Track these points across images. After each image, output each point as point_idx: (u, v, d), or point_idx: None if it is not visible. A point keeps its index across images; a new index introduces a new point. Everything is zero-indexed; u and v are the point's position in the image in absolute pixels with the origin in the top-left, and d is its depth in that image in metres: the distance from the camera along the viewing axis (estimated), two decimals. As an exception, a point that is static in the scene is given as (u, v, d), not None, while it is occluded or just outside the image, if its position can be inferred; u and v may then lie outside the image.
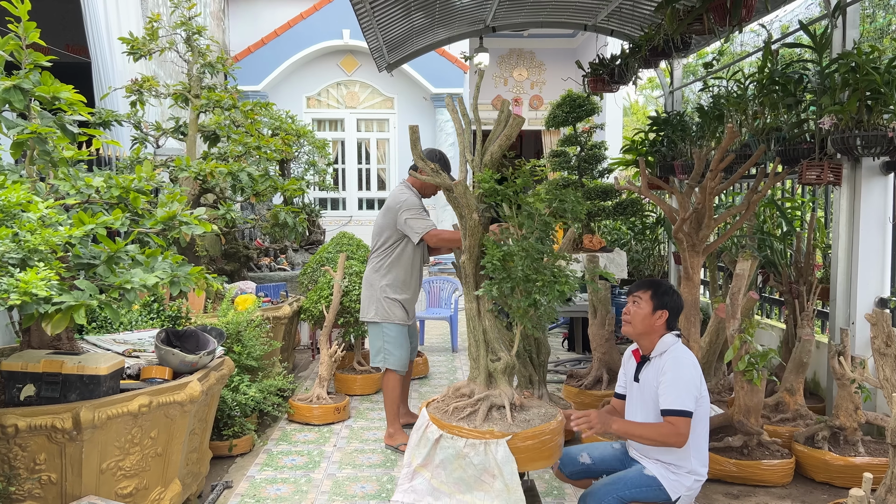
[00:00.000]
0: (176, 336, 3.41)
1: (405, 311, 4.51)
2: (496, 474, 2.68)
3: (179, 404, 2.95)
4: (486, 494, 2.70)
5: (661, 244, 7.59)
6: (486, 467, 2.69)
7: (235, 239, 6.59)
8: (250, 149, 5.42)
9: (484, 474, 2.70)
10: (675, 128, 5.58)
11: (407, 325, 4.55)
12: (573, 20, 6.59)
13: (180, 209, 3.02)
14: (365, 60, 11.35)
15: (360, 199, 12.06)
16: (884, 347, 2.87)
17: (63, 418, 2.61)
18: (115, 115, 5.08)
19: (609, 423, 2.76)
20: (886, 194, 4.05)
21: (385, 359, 4.46)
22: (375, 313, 4.47)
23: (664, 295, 2.93)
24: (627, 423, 2.86)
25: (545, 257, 2.95)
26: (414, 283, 4.56)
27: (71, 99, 2.94)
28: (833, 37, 4.09)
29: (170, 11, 5.75)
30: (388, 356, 4.45)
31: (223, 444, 4.14)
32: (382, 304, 4.46)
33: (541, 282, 2.77)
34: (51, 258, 2.41)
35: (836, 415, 3.75)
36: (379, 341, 4.48)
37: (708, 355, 4.43)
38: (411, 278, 4.53)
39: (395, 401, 4.46)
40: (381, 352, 4.47)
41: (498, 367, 2.92)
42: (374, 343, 4.51)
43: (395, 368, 4.45)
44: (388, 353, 4.46)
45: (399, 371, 4.47)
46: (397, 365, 4.46)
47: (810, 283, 4.48)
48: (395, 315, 4.46)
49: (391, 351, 4.46)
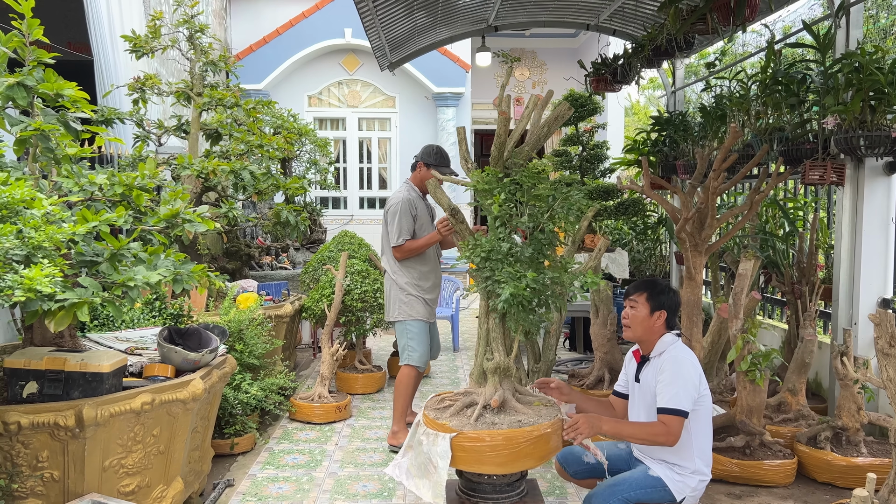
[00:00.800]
0: (178, 334, 3.41)
1: (427, 307, 4.56)
2: (436, 466, 2.76)
3: (182, 402, 2.95)
4: (428, 482, 2.81)
5: (662, 244, 7.58)
6: (430, 458, 2.78)
7: (237, 237, 6.59)
8: (252, 147, 5.41)
9: (429, 464, 2.80)
10: (677, 127, 5.57)
11: (429, 321, 4.60)
12: (576, 20, 6.58)
13: (183, 207, 3.02)
14: (366, 59, 11.35)
15: (361, 199, 12.05)
16: (887, 348, 2.86)
17: (66, 416, 2.61)
18: (118, 112, 5.08)
19: (599, 424, 2.72)
20: (890, 195, 4.04)
21: (409, 356, 4.49)
22: (399, 312, 4.53)
23: (660, 295, 2.92)
24: (618, 424, 2.82)
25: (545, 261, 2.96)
26: (433, 275, 4.61)
27: (74, 96, 2.93)
28: (836, 37, 4.09)
29: (172, 9, 5.75)
30: (412, 353, 4.49)
31: (225, 443, 4.14)
32: (404, 303, 4.51)
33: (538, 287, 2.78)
34: (55, 255, 2.41)
35: (838, 415, 3.74)
36: (403, 339, 4.54)
37: (710, 355, 4.43)
38: (430, 271, 4.58)
39: (406, 397, 4.47)
40: (405, 349, 4.53)
41: (489, 366, 2.94)
42: (400, 341, 4.58)
43: (415, 364, 4.48)
44: (411, 350, 4.50)
45: (419, 367, 4.51)
46: (419, 361, 4.49)
47: (812, 284, 4.48)
48: (416, 312, 4.52)
49: (414, 347, 4.50)
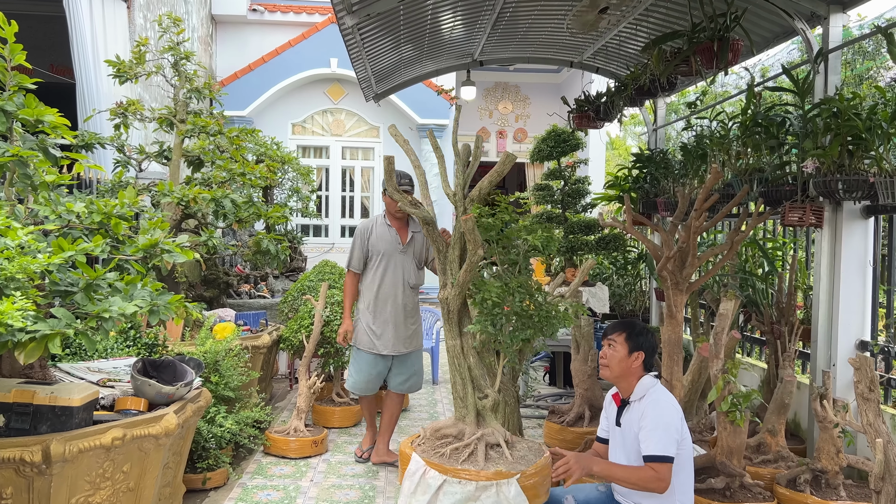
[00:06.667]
0: (153, 366, 3.33)
1: (371, 339, 4.59)
2: None
3: (154, 437, 2.87)
4: None
5: (642, 279, 7.62)
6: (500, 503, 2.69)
7: (216, 265, 6.51)
8: (235, 175, 5.37)
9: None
10: (658, 165, 5.63)
11: (373, 353, 4.60)
12: (560, 56, 6.67)
13: (162, 237, 2.97)
14: (351, 89, 11.40)
15: (342, 227, 12.02)
16: (867, 392, 2.88)
17: (32, 451, 2.52)
18: (99, 137, 5.03)
19: (590, 465, 2.71)
20: (867, 238, 4.10)
21: (348, 378, 4.76)
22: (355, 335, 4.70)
23: (639, 336, 2.92)
24: (610, 466, 2.82)
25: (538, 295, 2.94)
26: (380, 309, 4.59)
27: (55, 122, 2.89)
28: (815, 82, 4.17)
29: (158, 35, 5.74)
30: (349, 377, 4.74)
31: (197, 477, 4.03)
32: (356, 326, 4.68)
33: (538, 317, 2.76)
34: (28, 286, 2.35)
35: (817, 457, 3.73)
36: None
37: (690, 394, 4.42)
38: (375, 304, 4.60)
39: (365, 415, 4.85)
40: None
41: (486, 404, 2.89)
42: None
43: (350, 389, 4.75)
44: (350, 374, 4.76)
45: (352, 393, 4.88)
46: (352, 387, 4.71)
47: (792, 324, 4.51)
48: (359, 340, 4.64)
49: (351, 373, 4.73)
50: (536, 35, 6.01)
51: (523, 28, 5.81)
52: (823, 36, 4.16)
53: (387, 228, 4.60)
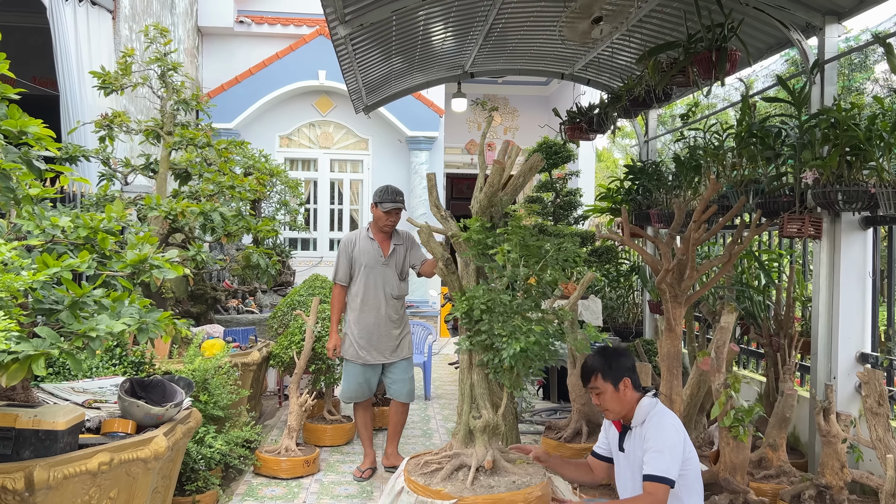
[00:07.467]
0: (141, 386, 3.21)
1: (357, 351, 4.67)
2: None
3: (143, 461, 2.76)
4: None
5: (635, 291, 7.57)
6: None
7: (203, 280, 6.38)
8: (224, 188, 5.27)
9: None
10: (650, 177, 5.60)
11: (359, 363, 4.69)
12: (551, 68, 6.64)
13: (152, 252, 2.86)
14: (340, 101, 11.32)
15: (331, 240, 11.88)
16: (876, 406, 2.82)
17: (15, 478, 2.40)
18: (83, 150, 4.92)
19: None
20: (866, 249, 4.07)
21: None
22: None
23: (611, 366, 2.89)
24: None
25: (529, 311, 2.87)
26: (365, 320, 4.66)
27: (39, 133, 2.79)
28: (812, 93, 4.15)
29: (144, 47, 5.64)
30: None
31: (186, 500, 3.89)
32: (344, 339, 4.77)
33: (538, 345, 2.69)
34: (11, 304, 2.24)
35: (821, 473, 3.67)
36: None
37: (689, 408, 4.35)
38: (360, 315, 4.68)
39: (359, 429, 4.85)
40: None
41: (477, 425, 2.82)
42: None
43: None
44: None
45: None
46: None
47: (791, 336, 4.46)
48: (347, 351, 4.73)
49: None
50: (528, 47, 5.98)
51: (515, 40, 5.78)
52: (819, 46, 4.15)
53: (369, 242, 4.69)
